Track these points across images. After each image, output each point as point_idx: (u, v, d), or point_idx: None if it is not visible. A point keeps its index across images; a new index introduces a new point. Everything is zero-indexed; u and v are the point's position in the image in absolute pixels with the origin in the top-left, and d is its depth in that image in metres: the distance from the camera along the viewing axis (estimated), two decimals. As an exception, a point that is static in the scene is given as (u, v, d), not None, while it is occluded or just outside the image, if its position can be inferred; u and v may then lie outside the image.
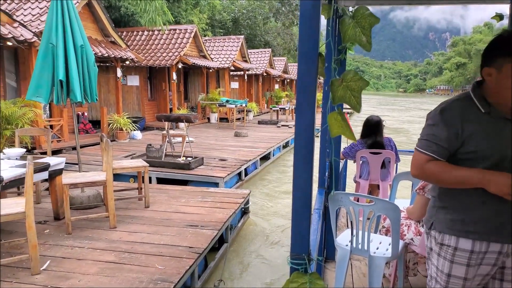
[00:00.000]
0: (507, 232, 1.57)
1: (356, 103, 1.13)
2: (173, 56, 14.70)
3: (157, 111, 15.76)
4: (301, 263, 1.21)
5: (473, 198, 1.56)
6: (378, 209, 2.35)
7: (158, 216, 4.84)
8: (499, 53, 1.41)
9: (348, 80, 1.11)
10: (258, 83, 25.65)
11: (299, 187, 1.15)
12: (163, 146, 7.98)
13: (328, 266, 3.27)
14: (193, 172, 7.34)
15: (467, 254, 1.60)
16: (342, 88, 1.11)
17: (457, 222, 1.62)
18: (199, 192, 5.98)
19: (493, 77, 1.44)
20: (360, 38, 1.10)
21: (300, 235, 1.20)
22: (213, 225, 4.54)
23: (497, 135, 1.49)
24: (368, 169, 4.28)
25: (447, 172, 1.53)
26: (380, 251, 2.51)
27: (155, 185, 6.62)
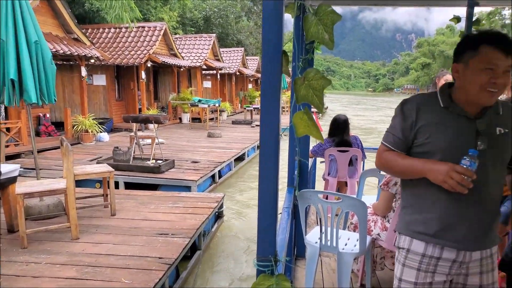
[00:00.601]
0: (458, 236, 1.50)
1: (319, 102, 1.10)
2: (141, 55, 14.20)
3: (126, 111, 15.20)
4: (267, 265, 1.19)
5: (425, 198, 1.54)
6: (345, 206, 2.40)
7: (125, 225, 4.50)
8: (465, 50, 1.43)
9: (310, 79, 1.09)
10: (231, 83, 25.35)
11: (265, 189, 1.13)
12: (131, 149, 7.58)
13: (299, 264, 3.27)
14: (164, 175, 6.99)
15: (418, 257, 1.56)
16: (304, 87, 1.09)
17: (411, 223, 1.60)
18: (170, 197, 5.66)
19: (460, 73, 1.45)
20: (323, 36, 1.09)
21: (266, 237, 1.18)
22: (185, 233, 4.25)
23: (451, 130, 1.47)
24: (336, 167, 4.37)
25: (396, 161, 1.56)
26: (349, 247, 2.55)
27: (122, 191, 6.24)
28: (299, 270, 3.20)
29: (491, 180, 1.47)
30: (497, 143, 1.47)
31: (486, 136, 1.45)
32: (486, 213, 1.50)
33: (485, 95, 1.39)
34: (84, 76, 10.93)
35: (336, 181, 4.43)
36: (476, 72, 1.39)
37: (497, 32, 1.40)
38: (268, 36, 1.05)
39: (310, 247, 2.57)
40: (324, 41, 1.10)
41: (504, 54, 1.36)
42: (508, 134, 1.48)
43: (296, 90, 1.11)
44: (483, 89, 1.38)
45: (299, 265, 3.27)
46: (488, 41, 1.37)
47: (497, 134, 1.47)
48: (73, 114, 11.18)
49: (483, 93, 1.38)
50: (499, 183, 1.52)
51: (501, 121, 1.49)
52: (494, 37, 1.37)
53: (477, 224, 1.49)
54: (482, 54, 1.37)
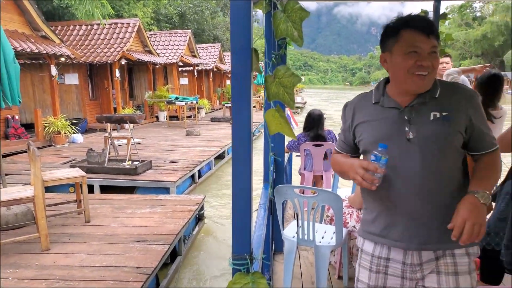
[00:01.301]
0: (400, 235, 1.41)
1: (290, 99, 1.09)
2: (115, 52, 13.77)
3: (100, 111, 14.74)
4: (243, 263, 1.19)
5: (370, 196, 1.49)
6: (321, 199, 2.44)
7: (100, 232, 4.26)
8: (388, 37, 1.39)
9: (280, 76, 1.09)
10: (208, 79, 25.00)
11: (238, 188, 1.12)
12: (106, 150, 7.28)
13: (277, 258, 3.30)
14: (141, 177, 6.74)
15: (369, 257, 1.52)
16: (275, 85, 1.09)
17: (363, 223, 1.58)
18: (147, 200, 5.43)
19: (388, 62, 1.40)
20: (292, 33, 1.08)
21: (241, 235, 1.17)
22: (164, 239, 4.05)
23: (381, 124, 1.42)
24: (311, 161, 4.44)
25: (336, 162, 1.59)
26: (325, 240, 2.59)
27: (97, 195, 5.97)
28: (277, 264, 3.22)
29: (427, 171, 1.34)
30: (431, 129, 1.34)
31: (415, 124, 1.35)
32: (431, 208, 1.36)
33: (414, 80, 1.32)
34: (54, 75, 10.47)
35: (312, 175, 4.49)
36: (400, 58, 1.33)
37: (415, 15, 1.37)
38: (237, 33, 1.04)
39: (288, 241, 2.59)
40: (294, 38, 1.09)
41: (425, 35, 1.31)
42: (448, 117, 1.34)
43: (267, 88, 1.11)
44: (411, 74, 1.32)
45: (277, 260, 3.29)
46: (406, 24, 1.33)
47: (431, 120, 1.35)
48: (44, 115, 10.71)
49: (412, 78, 1.32)
50: (443, 173, 1.36)
51: (438, 104, 1.36)
52: (412, 20, 1.33)
53: (420, 220, 1.37)
54: (403, 38, 1.33)
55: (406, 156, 1.36)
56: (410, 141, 1.35)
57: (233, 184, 1.14)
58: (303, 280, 3.02)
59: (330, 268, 3.02)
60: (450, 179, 1.38)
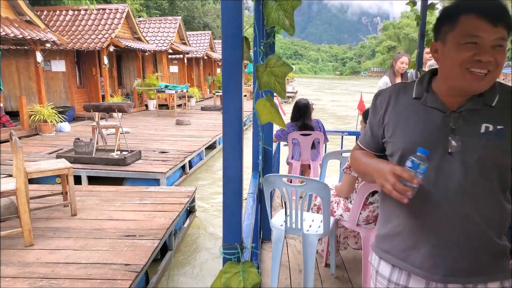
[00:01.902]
0: (423, 261, 1.17)
1: (281, 89, 1.08)
2: (103, 39, 13.41)
3: (88, 99, 14.40)
4: (233, 253, 1.19)
5: (390, 208, 1.27)
6: (309, 188, 2.44)
7: (87, 226, 4.10)
8: (443, 23, 1.13)
9: (272, 66, 1.08)
10: (199, 67, 24.63)
11: (230, 178, 1.13)
12: (94, 140, 7.07)
13: (265, 247, 3.32)
14: (130, 168, 6.55)
15: (385, 281, 1.29)
16: (266, 74, 1.08)
17: (379, 238, 1.34)
18: (136, 192, 5.26)
19: (440, 52, 1.16)
20: (283, 22, 1.06)
21: (232, 224, 1.18)
22: (154, 234, 3.91)
23: (418, 126, 1.18)
24: (299, 150, 4.48)
25: (358, 160, 1.37)
26: (313, 228, 2.60)
27: (84, 186, 5.78)
28: (265, 253, 3.23)
29: (466, 192, 1.12)
30: (480, 145, 1.11)
31: (461, 135, 1.12)
32: (464, 235, 1.14)
33: (468, 78, 1.07)
34: (40, 62, 10.12)
35: (300, 164, 4.54)
36: (455, 48, 1.08)
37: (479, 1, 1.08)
38: (228, 21, 1.03)
39: (276, 230, 2.60)
40: (285, 27, 1.07)
41: (491, 24, 1.03)
42: (502, 132, 1.10)
43: (258, 77, 1.09)
44: (464, 70, 1.07)
45: (265, 248, 3.30)
46: (469, 8, 1.06)
47: (482, 132, 1.11)
48: (30, 103, 10.40)
49: (465, 75, 1.07)
50: (484, 198, 1.13)
51: (493, 114, 1.12)
52: (477, 3, 1.06)
53: (448, 247, 1.15)
54: (462, 25, 1.07)
55: (443, 171, 1.13)
56: (451, 154, 1.12)
57: (224, 173, 1.13)
58: (290, 268, 3.03)
59: (317, 256, 3.03)
60: (492, 206, 1.15)
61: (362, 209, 2.52)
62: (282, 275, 2.87)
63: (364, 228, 2.56)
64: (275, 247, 2.58)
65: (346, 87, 53.77)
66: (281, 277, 2.78)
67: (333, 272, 2.91)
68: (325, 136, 4.52)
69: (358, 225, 2.57)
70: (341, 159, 3.25)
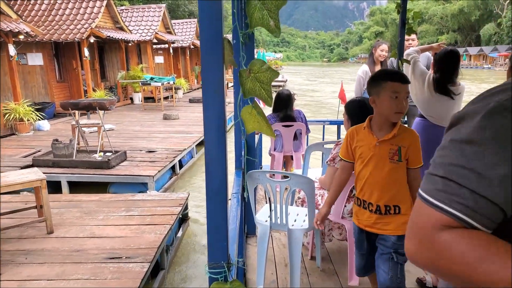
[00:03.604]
0: None
1: (267, 96, 1.01)
2: (82, 29, 12.62)
3: (69, 94, 13.67)
4: (220, 272, 1.13)
5: None
6: (294, 184, 2.43)
7: (65, 247, 3.55)
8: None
9: (256, 71, 1.01)
10: (185, 57, 23.85)
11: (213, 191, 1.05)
12: (74, 141, 6.47)
13: (250, 241, 3.29)
14: (114, 171, 5.99)
15: None
16: (250, 80, 1.01)
17: None
18: (122, 201, 4.71)
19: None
20: (268, 22, 0.97)
21: (218, 242, 1.10)
22: (143, 254, 3.39)
23: None
24: (281, 142, 4.45)
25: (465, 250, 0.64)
26: (298, 223, 2.59)
27: (63, 196, 5.19)
28: (250, 247, 3.19)
29: None
30: None
31: None
32: None
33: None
34: (13, 55, 9.38)
35: (282, 156, 4.52)
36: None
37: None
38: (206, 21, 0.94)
39: (261, 226, 2.59)
40: (270, 28, 0.98)
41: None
42: None
43: (242, 84, 1.02)
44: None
45: (250, 243, 3.26)
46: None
47: None
48: (4, 100, 9.67)
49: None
50: None
51: None
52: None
53: None
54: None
55: None
56: None
57: (207, 187, 1.06)
58: (276, 262, 3.00)
59: (303, 249, 2.95)
60: None
61: (347, 202, 2.52)
62: (268, 270, 2.84)
63: (349, 220, 2.53)
64: (260, 243, 2.57)
65: (340, 75, 51.14)
66: (267, 272, 2.74)
67: (319, 265, 2.92)
68: (307, 127, 4.49)
69: (343, 218, 2.58)
70: (324, 151, 3.26)
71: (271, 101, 1.05)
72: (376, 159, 1.85)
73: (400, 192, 1.85)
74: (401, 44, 3.25)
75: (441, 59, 2.98)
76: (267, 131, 1.09)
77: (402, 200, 1.85)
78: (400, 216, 1.85)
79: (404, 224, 1.82)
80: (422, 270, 2.77)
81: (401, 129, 1.83)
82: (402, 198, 1.85)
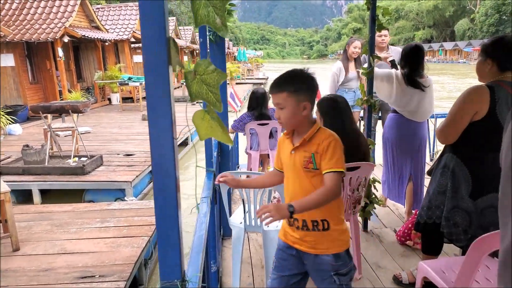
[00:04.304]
0: None
1: (216, 100, 0.93)
2: (55, 28, 12.14)
3: (44, 96, 13.14)
4: None
5: None
6: None
7: (32, 266, 3.25)
8: None
9: (201, 73, 0.92)
10: (164, 56, 23.37)
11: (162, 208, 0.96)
12: (46, 146, 6.10)
13: (226, 244, 3.27)
14: (90, 177, 5.67)
15: None
16: (197, 83, 0.93)
17: None
18: (97, 211, 4.41)
19: None
20: (214, 20, 0.89)
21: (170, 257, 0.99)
22: (119, 271, 3.12)
23: None
24: (257, 140, 4.47)
25: None
26: (273, 224, 2.44)
27: (33, 207, 4.84)
28: (226, 250, 3.17)
29: None
30: None
31: None
32: None
33: None
34: (-20, 57, 8.88)
35: (259, 154, 4.54)
36: None
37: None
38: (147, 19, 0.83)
39: (235, 228, 2.55)
40: (216, 26, 0.88)
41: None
42: None
43: (189, 86, 0.93)
44: None
45: (226, 245, 3.24)
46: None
47: None
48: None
49: None
50: None
51: None
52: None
53: None
54: None
55: None
56: None
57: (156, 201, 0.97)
58: (253, 264, 2.97)
59: None
60: None
61: None
62: (244, 273, 2.79)
63: None
64: (235, 246, 2.53)
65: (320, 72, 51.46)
66: (243, 275, 2.70)
67: None
68: None
69: None
70: None
71: (220, 106, 0.97)
72: (294, 168, 1.65)
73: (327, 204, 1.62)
74: (372, 40, 3.18)
75: (407, 54, 3.14)
76: (223, 137, 1.00)
77: (330, 213, 1.63)
78: (330, 232, 1.64)
79: (337, 241, 1.65)
80: (398, 267, 2.81)
81: (318, 132, 1.62)
82: (329, 211, 1.62)
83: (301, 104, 1.58)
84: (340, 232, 1.67)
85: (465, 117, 2.01)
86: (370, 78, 3.16)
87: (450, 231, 2.13)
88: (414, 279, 2.49)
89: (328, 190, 1.52)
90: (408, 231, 3.09)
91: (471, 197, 2.09)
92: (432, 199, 2.24)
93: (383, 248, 3.10)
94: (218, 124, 0.98)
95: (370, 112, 3.24)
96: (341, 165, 1.56)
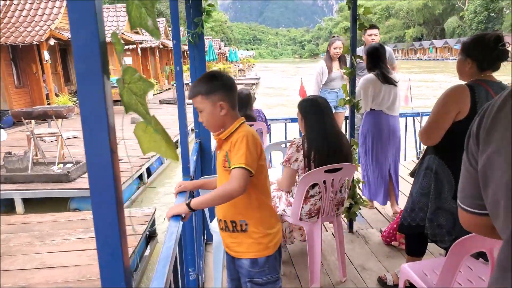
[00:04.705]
0: None
1: (145, 111, 0.75)
2: (41, 31, 11.91)
3: (30, 100, 12.89)
4: None
5: None
6: None
7: (9, 283, 3.07)
8: None
9: (128, 81, 0.76)
10: (155, 57, 23.13)
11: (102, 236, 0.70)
12: (29, 153, 5.90)
13: (209, 249, 3.19)
14: (75, 184, 5.48)
15: None
16: (126, 92, 0.76)
17: None
18: (80, 221, 4.23)
19: None
20: (146, 22, 0.77)
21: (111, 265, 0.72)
22: (101, 286, 2.95)
23: None
24: None
25: None
26: None
27: (13, 218, 4.63)
28: (209, 255, 3.07)
29: None
30: None
31: None
32: None
33: None
34: (-39, 61, 8.63)
35: None
36: None
37: None
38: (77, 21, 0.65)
39: (216, 234, 2.42)
40: (149, 29, 0.76)
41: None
42: None
43: (121, 96, 0.76)
44: None
45: (209, 250, 3.15)
46: None
47: None
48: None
49: None
50: None
51: None
52: None
53: None
54: None
55: None
56: None
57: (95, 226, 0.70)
58: None
59: None
60: None
61: (304, 203, 2.41)
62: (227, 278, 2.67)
63: (307, 222, 2.46)
64: (216, 252, 2.49)
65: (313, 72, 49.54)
66: (225, 280, 2.58)
67: (281, 270, 2.77)
68: (268, 126, 4.37)
69: (301, 220, 2.46)
70: (282, 150, 3.20)
71: (150, 118, 0.84)
72: (218, 167, 1.68)
73: (242, 204, 1.57)
74: (354, 40, 3.12)
75: (371, 54, 3.34)
76: (167, 153, 0.84)
77: (248, 214, 1.60)
78: (249, 234, 1.60)
79: (254, 245, 1.60)
80: (383, 268, 2.75)
81: (236, 130, 1.62)
82: (247, 211, 1.59)
83: (217, 104, 1.56)
84: (262, 235, 1.61)
85: (447, 117, 1.98)
86: (352, 78, 3.07)
87: (434, 233, 2.13)
88: (398, 280, 2.44)
89: (228, 186, 1.47)
90: (393, 231, 3.03)
91: (455, 198, 2.06)
92: (416, 201, 2.23)
93: (368, 249, 3.04)
94: (162, 137, 0.83)
95: (353, 112, 3.16)
96: (245, 161, 1.48)
